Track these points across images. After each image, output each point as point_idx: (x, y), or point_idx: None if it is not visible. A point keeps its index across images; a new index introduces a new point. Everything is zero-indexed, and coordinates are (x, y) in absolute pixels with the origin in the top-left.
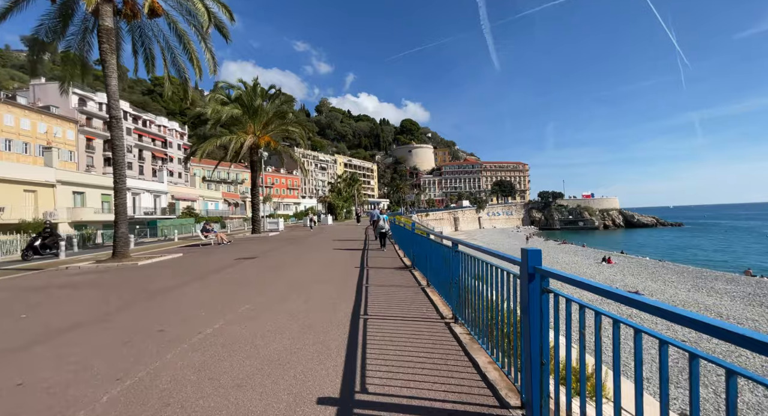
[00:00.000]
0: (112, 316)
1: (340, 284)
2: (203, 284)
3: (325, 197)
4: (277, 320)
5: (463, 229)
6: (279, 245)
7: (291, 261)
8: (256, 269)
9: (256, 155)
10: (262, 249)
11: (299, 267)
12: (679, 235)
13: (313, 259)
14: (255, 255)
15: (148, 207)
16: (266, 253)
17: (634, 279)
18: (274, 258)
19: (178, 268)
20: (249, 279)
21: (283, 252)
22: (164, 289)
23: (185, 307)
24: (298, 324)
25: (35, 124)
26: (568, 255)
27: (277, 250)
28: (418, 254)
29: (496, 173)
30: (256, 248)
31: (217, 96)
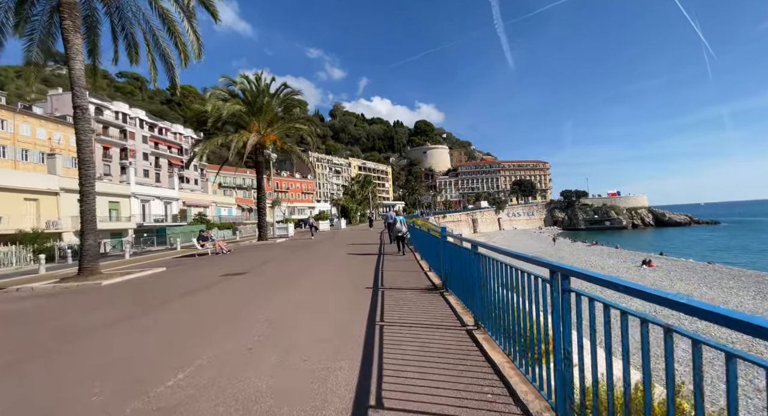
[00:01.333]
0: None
1: (341, 324)
2: (151, 322)
3: (338, 200)
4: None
5: (482, 231)
6: (281, 255)
7: (286, 278)
8: (239, 292)
9: (262, 156)
10: (259, 260)
11: (293, 288)
12: (717, 234)
13: (313, 275)
14: (247, 270)
15: (159, 214)
16: (262, 265)
17: (685, 285)
18: (268, 274)
19: (142, 291)
20: (219, 310)
21: (282, 265)
22: (90, 329)
23: (81, 374)
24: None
25: (51, 133)
26: (602, 258)
27: (276, 261)
28: (456, 274)
29: (515, 173)
30: (254, 258)
31: (218, 92)
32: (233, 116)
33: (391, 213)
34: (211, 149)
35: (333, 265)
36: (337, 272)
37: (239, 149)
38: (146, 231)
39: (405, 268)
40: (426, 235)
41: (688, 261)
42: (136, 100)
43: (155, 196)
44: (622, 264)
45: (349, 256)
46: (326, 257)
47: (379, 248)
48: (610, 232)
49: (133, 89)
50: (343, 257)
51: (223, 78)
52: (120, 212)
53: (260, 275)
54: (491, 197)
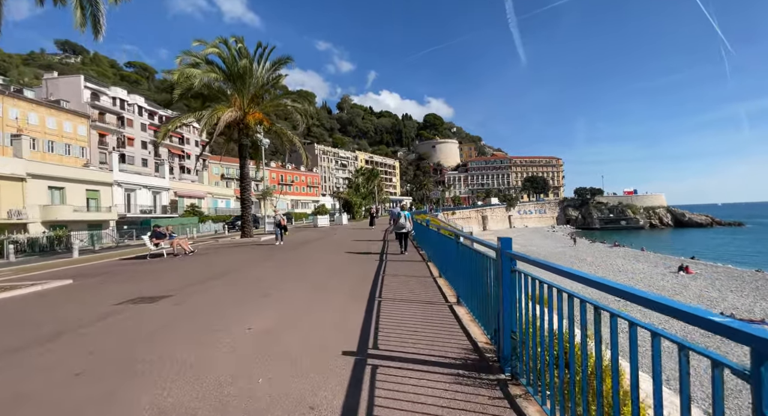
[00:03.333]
0: None
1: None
2: None
3: (340, 193)
4: None
5: (492, 228)
6: (249, 262)
7: (219, 314)
8: (103, 352)
9: (246, 137)
10: (218, 270)
11: (214, 345)
12: (742, 237)
13: (277, 303)
14: (174, 290)
15: (146, 205)
16: (205, 283)
17: (738, 297)
18: (194, 303)
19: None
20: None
21: (233, 285)
22: None
23: None
24: None
25: (43, 118)
26: (629, 261)
27: (231, 275)
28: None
29: (527, 169)
30: (210, 266)
31: (191, 58)
32: (208, 88)
33: (396, 209)
34: (176, 127)
35: (315, 279)
36: (316, 293)
37: (212, 126)
38: (129, 223)
39: (408, 268)
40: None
41: (727, 267)
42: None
43: (142, 185)
44: (653, 269)
45: (343, 263)
46: (311, 264)
47: (382, 251)
48: (627, 232)
49: (139, 78)
50: (334, 267)
51: (197, 42)
52: (100, 201)
53: (180, 305)
54: (501, 194)
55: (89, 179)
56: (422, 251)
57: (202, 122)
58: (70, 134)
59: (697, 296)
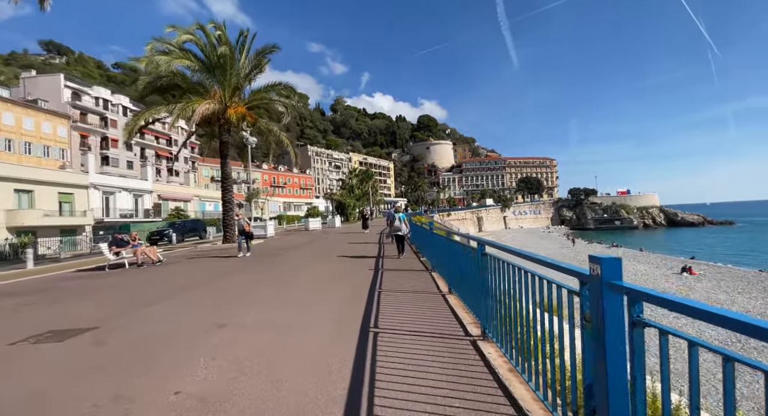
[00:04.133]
0: None
1: None
2: None
3: (332, 194)
4: None
5: (488, 229)
6: (223, 274)
7: (159, 356)
8: None
9: (227, 133)
10: (177, 286)
11: None
12: (735, 236)
13: (231, 342)
14: (110, 317)
15: (126, 208)
16: (163, 300)
17: (747, 299)
18: (134, 336)
19: None
20: None
21: (196, 301)
22: None
23: None
24: None
25: (20, 119)
26: (630, 262)
27: (197, 291)
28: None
29: (521, 170)
30: (173, 281)
31: (163, 45)
32: (184, 79)
33: (391, 210)
34: (146, 121)
35: (285, 304)
36: (282, 333)
37: (185, 119)
38: (107, 228)
39: (407, 279)
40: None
41: (733, 268)
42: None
43: (122, 187)
44: (655, 271)
45: (327, 278)
46: (287, 279)
47: (378, 255)
48: (621, 232)
49: (126, 79)
50: (316, 280)
51: (170, 28)
52: (74, 205)
53: (98, 345)
54: (496, 195)
55: (62, 182)
56: (423, 258)
57: (174, 114)
58: (49, 135)
59: (705, 299)
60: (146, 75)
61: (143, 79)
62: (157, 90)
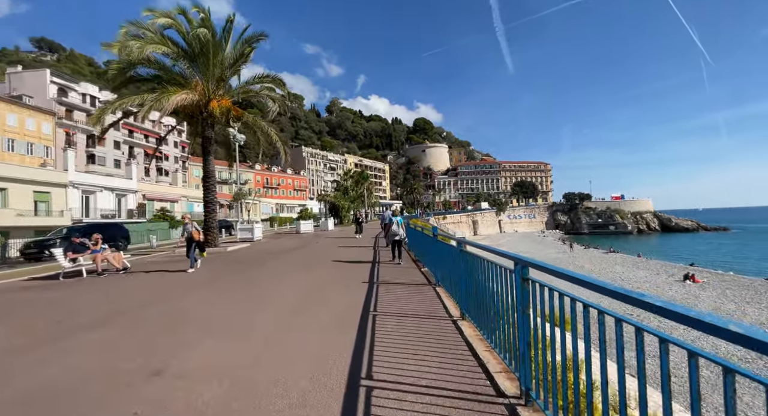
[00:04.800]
0: None
1: None
2: None
3: (325, 196)
4: None
5: (483, 233)
6: (190, 286)
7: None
8: None
9: (210, 128)
10: (128, 304)
11: None
12: (729, 242)
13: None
14: (11, 351)
15: (109, 209)
16: (99, 326)
17: (760, 310)
18: (29, 386)
19: None
20: None
21: (140, 326)
22: None
23: None
24: None
25: (3, 115)
26: (629, 268)
27: (149, 311)
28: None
29: (516, 174)
30: (126, 296)
31: (141, 31)
32: (158, 66)
33: (387, 213)
34: (112, 114)
35: (252, 334)
36: (235, 386)
37: (157, 110)
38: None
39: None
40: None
41: (737, 276)
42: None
43: (104, 187)
44: (657, 278)
45: (312, 292)
46: (264, 295)
47: (372, 264)
48: (615, 237)
49: None
50: (299, 296)
51: (147, 12)
52: (51, 204)
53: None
54: (491, 199)
55: (38, 180)
56: (424, 268)
57: (146, 105)
58: (33, 132)
59: (714, 309)
60: (118, 63)
61: (114, 67)
62: (132, 81)
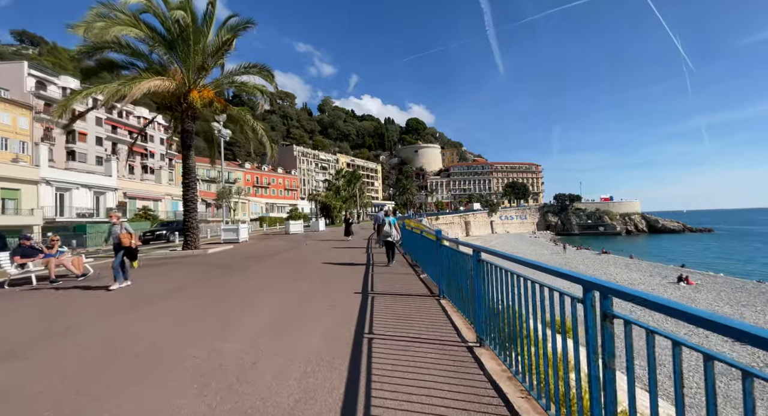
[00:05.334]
0: None
1: None
2: None
3: (316, 195)
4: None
5: (475, 234)
6: (144, 302)
7: None
8: None
9: (189, 120)
10: (61, 325)
11: None
12: (715, 243)
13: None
14: None
15: (85, 207)
16: (9, 359)
17: (756, 314)
18: None
19: None
20: None
21: (58, 360)
22: None
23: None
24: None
25: None
26: (622, 270)
27: (84, 334)
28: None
29: (507, 175)
30: (63, 314)
31: (112, 13)
32: (130, 50)
33: (380, 214)
34: (78, 103)
35: (200, 376)
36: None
37: (121, 97)
38: (60, 229)
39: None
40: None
41: (730, 278)
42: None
43: (80, 184)
44: (651, 279)
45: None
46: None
47: (366, 268)
48: (604, 238)
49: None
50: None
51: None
52: (20, 202)
53: None
54: (483, 199)
55: (5, 176)
56: (423, 275)
57: (109, 91)
58: (8, 127)
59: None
60: (83, 45)
61: (77, 50)
62: (106, 68)
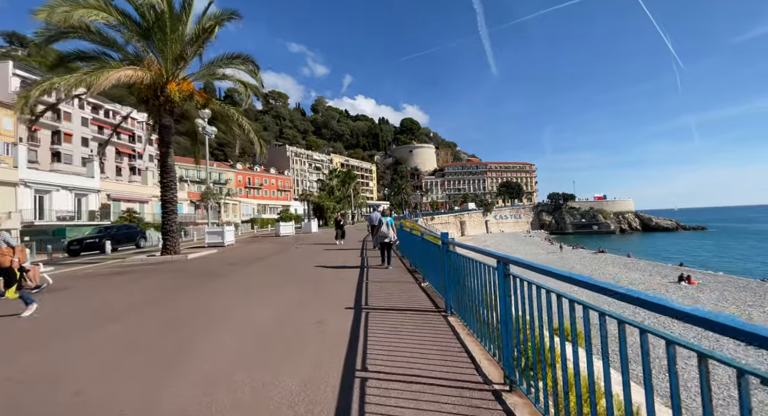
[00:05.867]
0: None
1: None
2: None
3: (308, 195)
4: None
5: (470, 234)
6: (101, 318)
7: None
8: None
9: (168, 115)
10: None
11: None
12: (709, 241)
13: None
14: None
15: (66, 210)
16: None
17: (761, 314)
18: None
19: None
20: None
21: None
22: None
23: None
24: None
25: None
26: (621, 269)
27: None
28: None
29: (501, 174)
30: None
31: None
32: (99, 37)
33: (374, 214)
34: (41, 93)
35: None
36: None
37: (88, 87)
38: (39, 233)
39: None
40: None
41: (731, 277)
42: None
43: (60, 185)
44: (650, 279)
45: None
46: (197, 338)
47: (358, 282)
48: (598, 236)
49: None
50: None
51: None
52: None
53: None
54: (478, 199)
55: None
56: (425, 283)
57: (71, 80)
58: None
59: None
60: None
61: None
62: (75, 58)
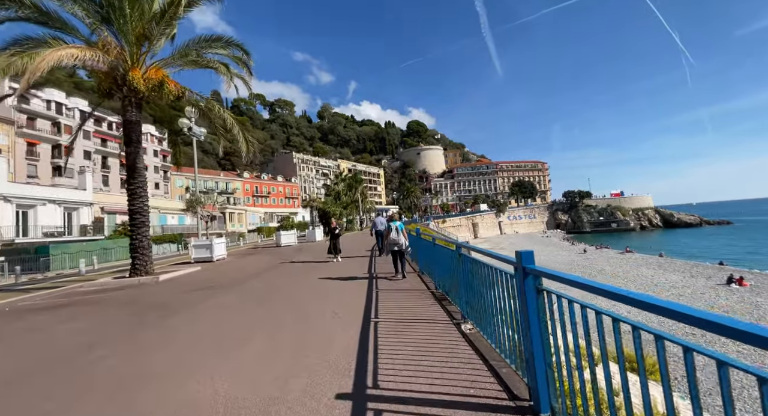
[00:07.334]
0: None
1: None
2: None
3: (311, 201)
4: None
5: (483, 236)
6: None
7: None
8: None
9: (134, 109)
10: None
11: None
12: (737, 236)
13: None
14: None
15: (54, 225)
16: None
17: None
18: None
19: None
20: None
21: None
22: None
23: None
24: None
25: None
26: (656, 271)
27: None
28: None
29: (513, 174)
30: None
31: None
32: (36, 11)
33: (379, 219)
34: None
35: None
36: None
37: (31, 75)
38: (19, 251)
39: None
40: None
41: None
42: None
43: (47, 199)
44: (694, 281)
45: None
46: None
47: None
48: (618, 234)
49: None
50: None
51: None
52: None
53: None
54: (489, 200)
55: None
56: (451, 306)
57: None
58: None
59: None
60: None
61: None
62: (13, 43)
